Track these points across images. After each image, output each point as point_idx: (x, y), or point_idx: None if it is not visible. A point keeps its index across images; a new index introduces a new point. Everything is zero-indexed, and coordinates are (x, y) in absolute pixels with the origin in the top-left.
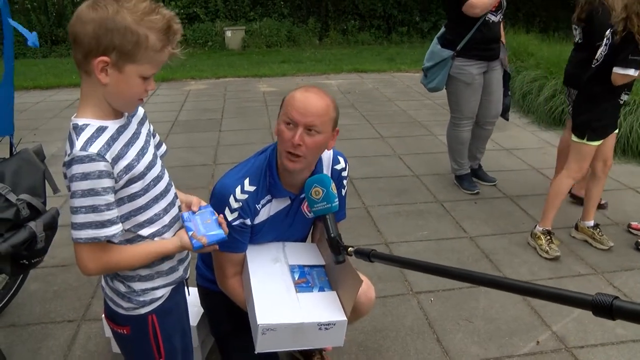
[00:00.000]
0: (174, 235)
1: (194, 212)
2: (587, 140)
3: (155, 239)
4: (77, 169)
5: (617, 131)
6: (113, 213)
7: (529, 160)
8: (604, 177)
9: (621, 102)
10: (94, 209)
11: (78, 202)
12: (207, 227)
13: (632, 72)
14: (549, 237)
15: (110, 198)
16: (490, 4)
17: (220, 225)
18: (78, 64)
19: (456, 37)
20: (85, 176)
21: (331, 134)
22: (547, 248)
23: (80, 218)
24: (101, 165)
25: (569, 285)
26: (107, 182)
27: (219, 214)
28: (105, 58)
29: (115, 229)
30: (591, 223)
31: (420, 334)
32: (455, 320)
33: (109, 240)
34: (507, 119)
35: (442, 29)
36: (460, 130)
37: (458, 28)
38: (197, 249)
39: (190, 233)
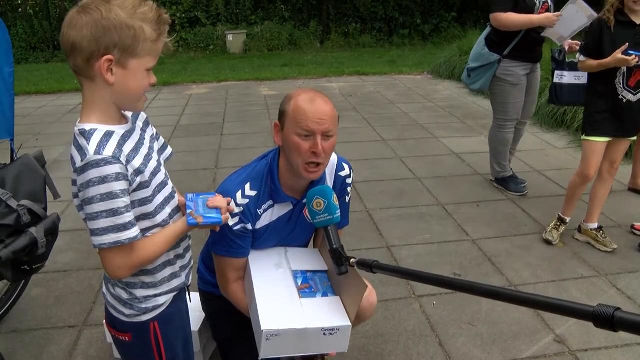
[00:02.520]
0: None
1: (198, 194)
2: (586, 135)
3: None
4: (94, 173)
5: (634, 138)
6: (132, 215)
7: (531, 162)
8: (610, 178)
9: (623, 100)
10: (114, 212)
11: (98, 207)
12: (206, 210)
13: (581, 57)
14: (559, 224)
15: (127, 200)
16: (521, 25)
17: (219, 211)
18: (78, 71)
19: (502, 39)
20: (103, 180)
21: None
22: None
23: (102, 223)
24: (117, 168)
25: (572, 288)
26: (123, 185)
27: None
28: (109, 57)
29: (136, 230)
30: (595, 225)
31: (423, 338)
32: (457, 324)
33: None
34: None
35: (488, 29)
36: (505, 131)
37: (506, 32)
38: (190, 224)
39: (189, 211)
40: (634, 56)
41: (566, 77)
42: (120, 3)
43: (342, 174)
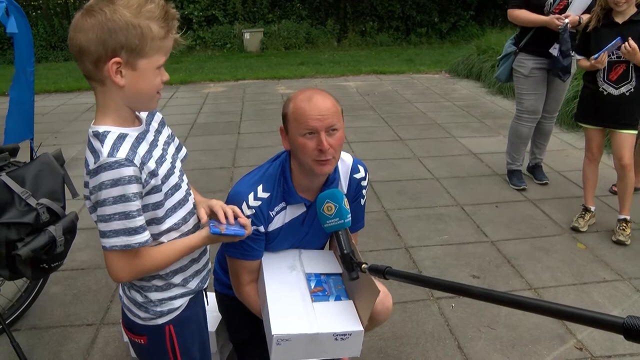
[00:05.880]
0: None
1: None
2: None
3: None
4: (107, 175)
5: (624, 131)
6: (143, 219)
7: (550, 162)
8: (621, 174)
9: (604, 92)
10: (126, 215)
11: (110, 209)
12: (229, 224)
13: (576, 56)
14: (583, 213)
15: (139, 204)
16: (528, 22)
17: (244, 227)
18: (89, 76)
19: (522, 35)
20: (116, 182)
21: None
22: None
23: (114, 225)
24: (130, 170)
25: (594, 291)
26: (136, 188)
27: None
28: (117, 59)
29: (147, 234)
30: (621, 216)
31: (441, 340)
32: (476, 327)
33: None
34: (563, 80)
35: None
36: (520, 123)
37: (523, 27)
38: (213, 233)
39: (212, 224)
40: (601, 56)
41: (556, 50)
42: (124, 2)
43: (357, 176)
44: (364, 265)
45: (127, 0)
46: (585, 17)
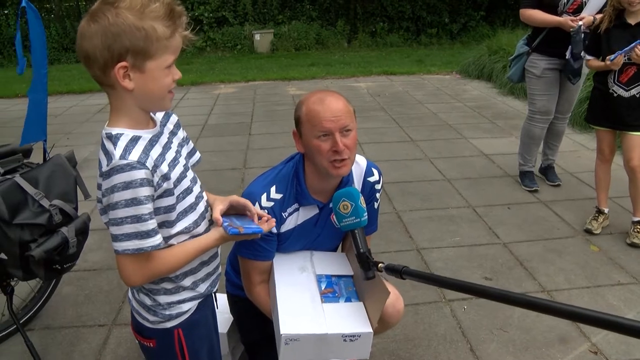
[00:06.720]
0: None
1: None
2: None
3: None
4: (119, 178)
5: (635, 133)
6: (155, 222)
7: (563, 164)
8: (632, 176)
9: (614, 94)
10: (138, 218)
11: (122, 212)
12: (244, 222)
13: (587, 56)
14: (597, 215)
15: (151, 207)
16: (541, 23)
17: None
18: (99, 81)
19: (535, 35)
20: (127, 185)
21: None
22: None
23: (126, 229)
24: (142, 173)
25: (608, 294)
26: (148, 191)
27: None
28: (123, 63)
29: (159, 238)
30: (635, 218)
31: (453, 343)
32: (489, 329)
33: None
34: (573, 83)
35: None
36: (532, 124)
37: (536, 27)
38: (232, 234)
39: (226, 224)
40: (619, 57)
41: (568, 52)
42: (127, 4)
43: (371, 179)
44: (380, 265)
45: (130, 1)
46: (600, 17)
